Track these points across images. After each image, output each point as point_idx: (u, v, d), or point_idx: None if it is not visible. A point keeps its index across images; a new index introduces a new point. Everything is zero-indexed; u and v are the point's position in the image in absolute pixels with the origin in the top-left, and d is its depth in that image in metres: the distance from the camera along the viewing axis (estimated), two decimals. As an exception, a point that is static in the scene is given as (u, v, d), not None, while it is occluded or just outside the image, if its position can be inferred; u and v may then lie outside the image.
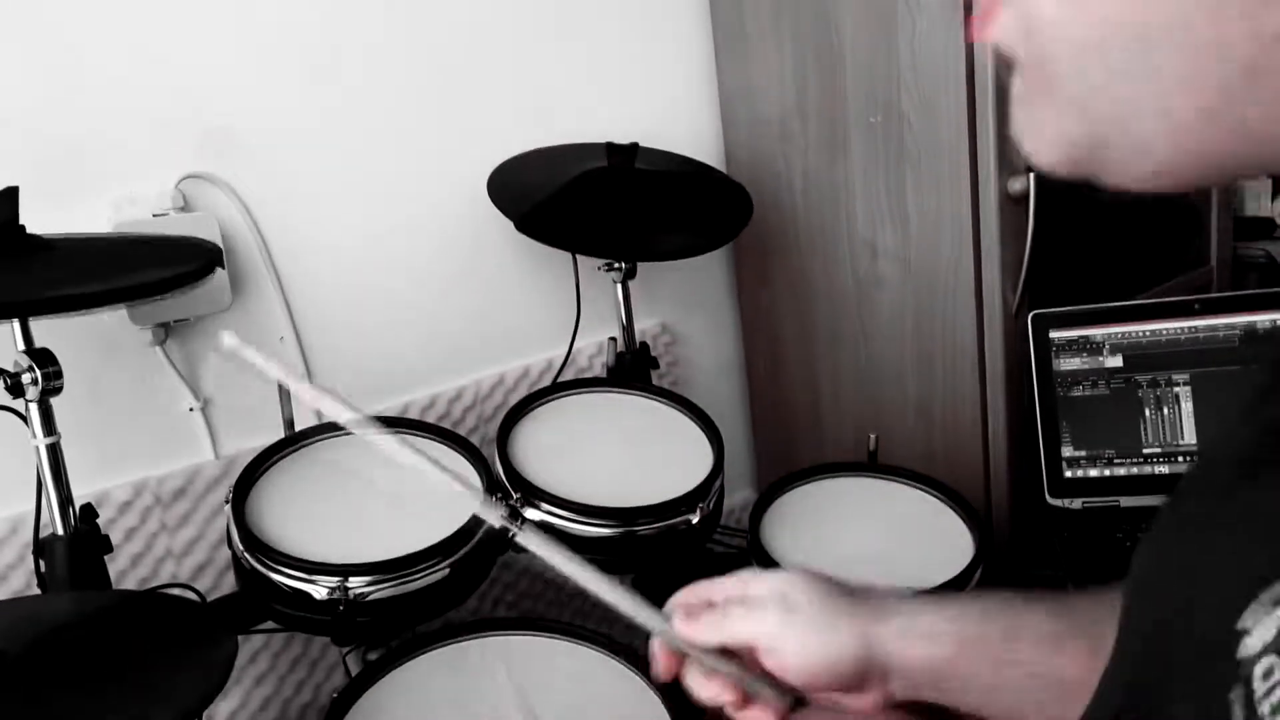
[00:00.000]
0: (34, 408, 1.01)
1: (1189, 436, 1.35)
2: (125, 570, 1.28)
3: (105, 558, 1.06)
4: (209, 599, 1.27)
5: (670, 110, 1.71)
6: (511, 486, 1.18)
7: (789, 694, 0.62)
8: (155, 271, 1.00)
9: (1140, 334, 1.36)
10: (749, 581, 0.66)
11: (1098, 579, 1.27)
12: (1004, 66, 0.38)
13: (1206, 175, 0.35)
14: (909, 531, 1.28)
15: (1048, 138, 0.37)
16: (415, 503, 1.14)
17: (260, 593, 1.05)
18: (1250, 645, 0.31)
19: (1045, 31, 0.35)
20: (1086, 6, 0.34)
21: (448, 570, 1.07)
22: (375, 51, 1.42)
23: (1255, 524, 0.35)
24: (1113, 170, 0.36)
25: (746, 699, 0.63)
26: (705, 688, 0.64)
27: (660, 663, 0.66)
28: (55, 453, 1.02)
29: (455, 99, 1.50)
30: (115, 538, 1.17)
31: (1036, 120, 0.37)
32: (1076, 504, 1.37)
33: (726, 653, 0.63)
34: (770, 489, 1.34)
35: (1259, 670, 0.30)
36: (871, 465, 1.39)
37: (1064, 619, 0.58)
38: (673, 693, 1.04)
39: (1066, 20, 0.34)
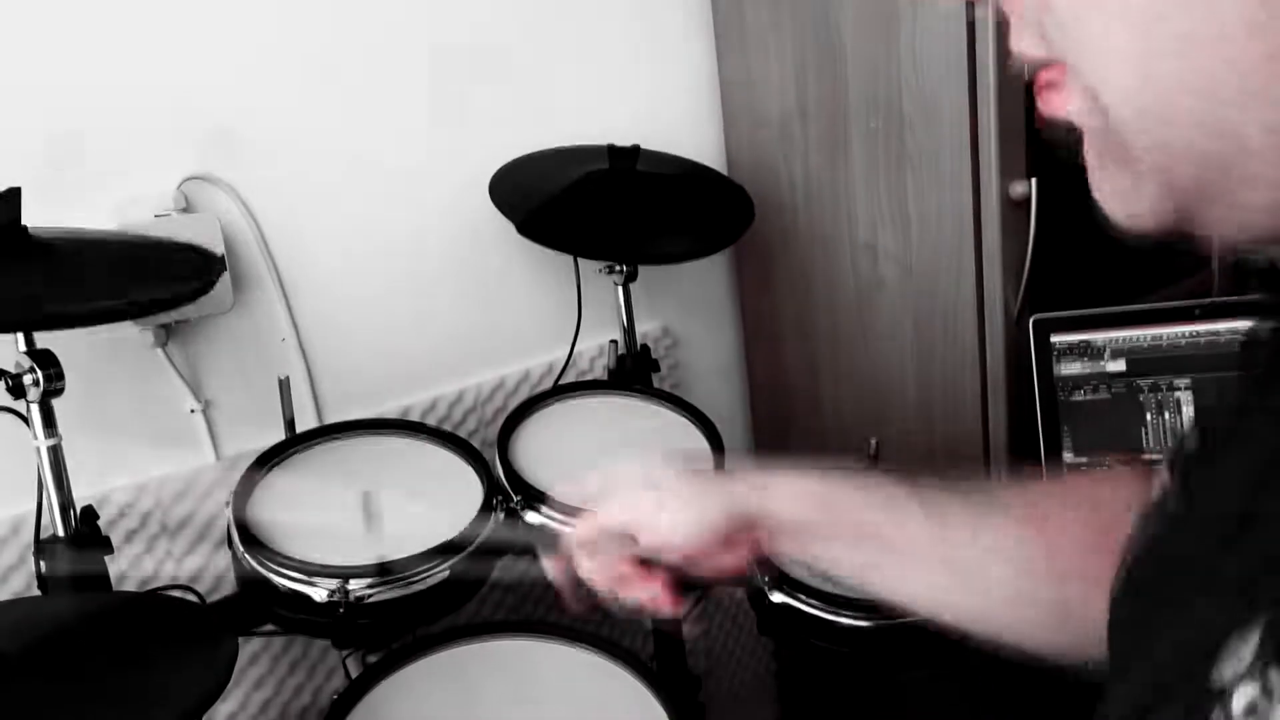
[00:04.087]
0: (35, 409, 1.01)
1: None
2: (126, 572, 1.28)
3: (106, 559, 1.06)
4: (209, 601, 1.27)
5: (672, 113, 1.71)
6: (512, 489, 1.18)
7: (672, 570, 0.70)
8: (161, 286, 1.00)
9: (1141, 339, 1.36)
10: (611, 475, 0.73)
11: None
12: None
13: None
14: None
15: (1136, 207, 0.36)
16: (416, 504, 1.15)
17: (260, 595, 1.05)
18: (1226, 676, 0.31)
19: (1118, 105, 0.34)
20: (1156, 77, 0.32)
21: (448, 573, 1.07)
22: (377, 53, 1.42)
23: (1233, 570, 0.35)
24: (1211, 226, 0.35)
25: (638, 569, 0.70)
26: (601, 568, 0.71)
27: (552, 570, 0.75)
28: (56, 454, 1.02)
29: (457, 102, 1.50)
30: (116, 539, 1.16)
31: (1121, 189, 0.36)
32: (1077, 508, 1.37)
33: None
34: (771, 492, 1.33)
35: (1237, 703, 0.30)
36: (872, 469, 1.39)
37: (917, 498, 0.65)
38: (674, 692, 1.04)
39: (1138, 90, 0.33)
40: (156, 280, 1.02)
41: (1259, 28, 0.29)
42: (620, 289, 1.49)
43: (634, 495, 0.70)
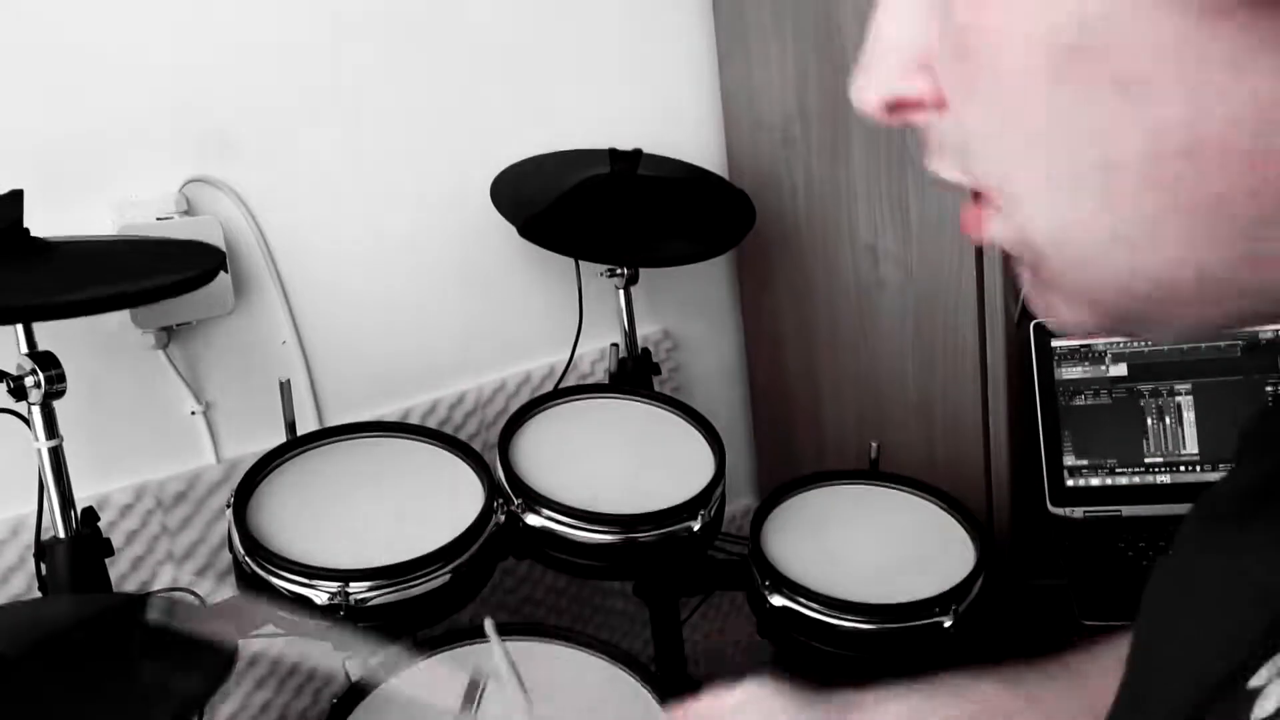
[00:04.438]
0: (36, 410, 1.01)
1: (1191, 446, 1.35)
2: (126, 573, 1.28)
3: (106, 561, 1.06)
4: (209, 603, 1.26)
5: (673, 116, 1.71)
6: (513, 492, 1.18)
7: None
8: (159, 276, 1.00)
9: (1142, 343, 1.36)
10: (722, 697, 0.71)
11: (1099, 588, 1.28)
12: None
13: (1245, 319, 0.34)
14: (910, 539, 1.28)
15: (1071, 322, 0.36)
16: (417, 508, 1.15)
17: (261, 597, 1.05)
18: (1266, 707, 0.30)
19: (1042, 245, 0.34)
20: (1079, 220, 0.32)
21: (449, 576, 1.07)
22: (379, 57, 1.43)
23: (1260, 579, 0.34)
24: (1149, 334, 0.36)
25: None
26: None
27: None
28: (57, 455, 1.02)
29: (458, 105, 1.50)
30: (116, 541, 1.17)
31: (1055, 307, 0.37)
32: (1078, 513, 1.37)
33: None
34: (771, 496, 1.34)
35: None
36: (873, 473, 1.39)
37: (1017, 692, 0.63)
38: (674, 695, 1.03)
39: (1060, 235, 0.33)
40: (157, 273, 1.02)
41: (1153, 182, 0.30)
42: (621, 292, 1.49)
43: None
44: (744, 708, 0.69)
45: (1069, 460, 1.37)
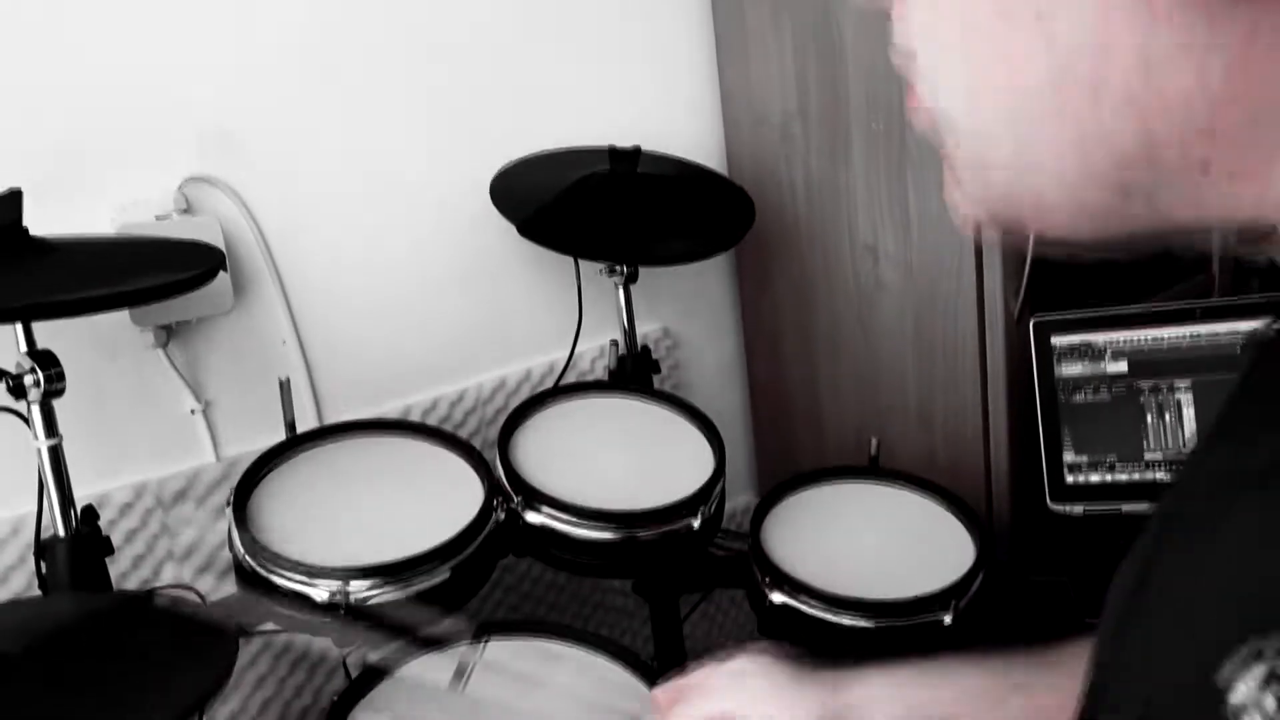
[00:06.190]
0: (36, 409, 1.01)
1: (1190, 443, 1.35)
2: (126, 572, 1.28)
3: (106, 559, 1.06)
4: (210, 601, 1.27)
5: (672, 114, 1.71)
6: (513, 490, 1.18)
7: None
8: (159, 275, 1.01)
9: (1142, 340, 1.36)
10: (718, 666, 0.75)
11: (1099, 585, 1.27)
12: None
13: (1119, 238, 0.38)
14: (910, 536, 1.28)
15: (963, 209, 0.42)
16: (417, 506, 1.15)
17: (261, 595, 1.05)
18: (1233, 703, 0.30)
19: (944, 119, 0.39)
20: (973, 108, 0.37)
21: (449, 573, 1.07)
22: (378, 55, 1.43)
23: (1229, 573, 0.34)
24: (1030, 224, 0.39)
25: None
26: None
27: None
28: (57, 454, 1.02)
29: (457, 103, 1.50)
30: (116, 539, 1.17)
31: (957, 194, 0.42)
32: (1078, 509, 1.37)
33: None
34: (771, 493, 1.34)
35: None
36: (873, 470, 1.39)
37: (1004, 680, 0.67)
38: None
39: (960, 115, 0.38)
40: (156, 273, 1.02)
41: (1047, 102, 0.35)
42: (621, 290, 1.49)
43: (743, 678, 0.73)
44: (740, 678, 0.71)
45: (1069, 457, 1.37)
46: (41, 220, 1.02)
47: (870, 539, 1.27)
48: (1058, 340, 1.38)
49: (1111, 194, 0.35)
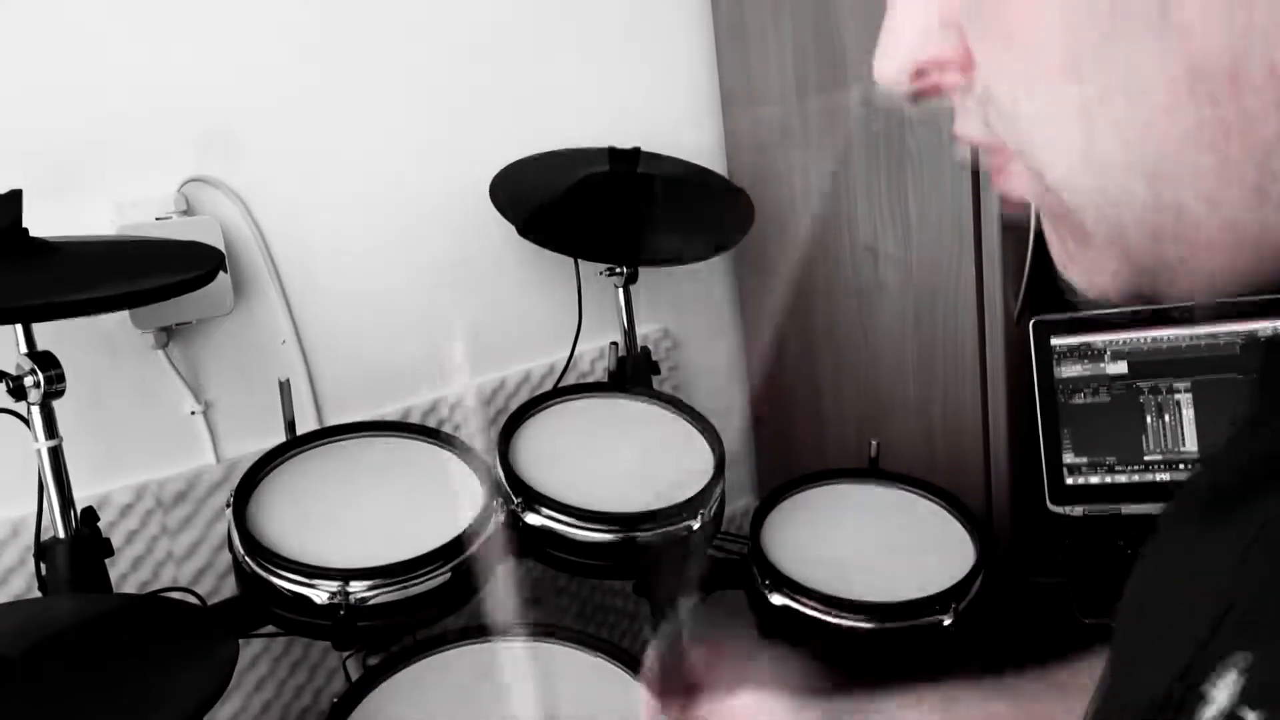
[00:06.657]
0: (36, 410, 1.01)
1: (1190, 444, 1.35)
2: (126, 573, 1.28)
3: (106, 561, 1.06)
4: (209, 603, 1.27)
5: (672, 115, 1.71)
6: (512, 491, 1.18)
7: None
8: (159, 276, 1.00)
9: (1141, 341, 1.36)
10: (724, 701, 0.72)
11: (1098, 586, 1.28)
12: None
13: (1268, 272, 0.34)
14: (910, 537, 1.28)
15: (1098, 279, 0.36)
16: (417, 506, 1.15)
17: (261, 597, 1.05)
18: (1211, 709, 0.31)
19: (1062, 187, 0.34)
20: (1095, 158, 0.33)
21: (449, 575, 1.07)
22: (378, 55, 1.43)
23: (1211, 573, 0.34)
24: (1178, 291, 0.35)
25: None
26: None
27: None
28: (57, 455, 1.02)
29: (457, 103, 1.50)
30: (116, 541, 1.17)
31: (1082, 263, 0.37)
32: (1078, 511, 1.37)
33: None
34: (771, 495, 1.34)
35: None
36: (873, 471, 1.39)
37: (1009, 702, 0.64)
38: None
39: (1080, 172, 0.33)
40: (156, 273, 1.02)
41: (1179, 108, 0.30)
42: (621, 291, 1.49)
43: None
44: (746, 713, 0.68)
45: (1068, 458, 1.37)
46: (42, 221, 1.02)
47: (870, 540, 1.27)
48: (1057, 341, 1.38)
49: (1251, 194, 0.31)
